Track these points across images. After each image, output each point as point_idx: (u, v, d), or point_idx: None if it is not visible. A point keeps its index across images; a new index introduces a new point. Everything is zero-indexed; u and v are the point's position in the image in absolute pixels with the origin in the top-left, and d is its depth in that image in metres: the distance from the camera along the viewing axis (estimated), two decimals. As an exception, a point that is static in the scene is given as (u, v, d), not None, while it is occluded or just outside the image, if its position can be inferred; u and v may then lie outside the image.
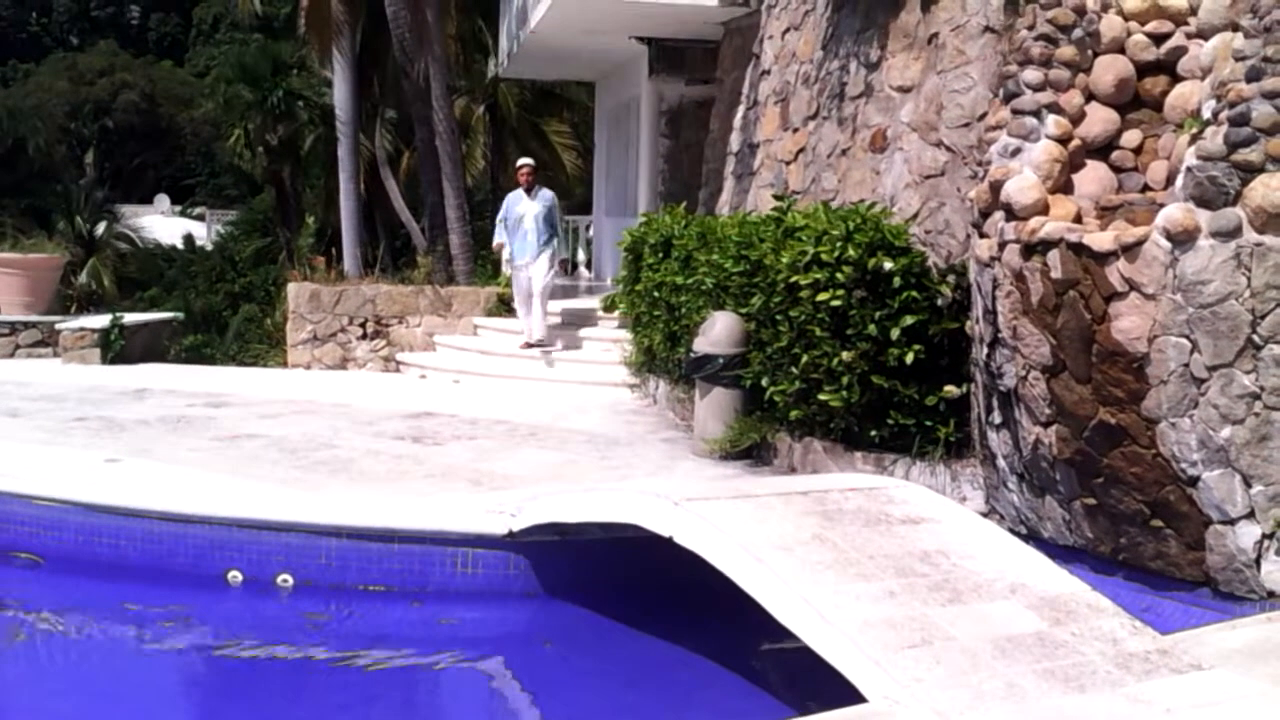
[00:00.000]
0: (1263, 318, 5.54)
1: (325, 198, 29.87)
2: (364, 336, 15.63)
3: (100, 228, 31.89)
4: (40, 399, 11.52)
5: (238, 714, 5.59)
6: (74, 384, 12.70)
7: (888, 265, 7.87)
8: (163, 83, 58.73)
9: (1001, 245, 6.58)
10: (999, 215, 6.69)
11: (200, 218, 45.31)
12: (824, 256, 7.99)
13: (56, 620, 6.73)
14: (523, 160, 14.33)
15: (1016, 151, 6.79)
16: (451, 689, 6.13)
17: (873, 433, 8.00)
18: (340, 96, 23.18)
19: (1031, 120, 6.81)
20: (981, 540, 5.87)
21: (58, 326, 15.26)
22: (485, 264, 17.47)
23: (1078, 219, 6.48)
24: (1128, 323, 5.83)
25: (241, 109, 31.75)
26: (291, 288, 16.11)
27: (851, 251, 7.91)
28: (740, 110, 13.56)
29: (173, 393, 12.20)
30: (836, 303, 7.88)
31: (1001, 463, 6.95)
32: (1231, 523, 5.63)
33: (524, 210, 13.62)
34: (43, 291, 17.01)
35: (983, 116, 8.05)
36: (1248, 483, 5.59)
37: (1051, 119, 6.80)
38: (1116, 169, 6.85)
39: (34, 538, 7.23)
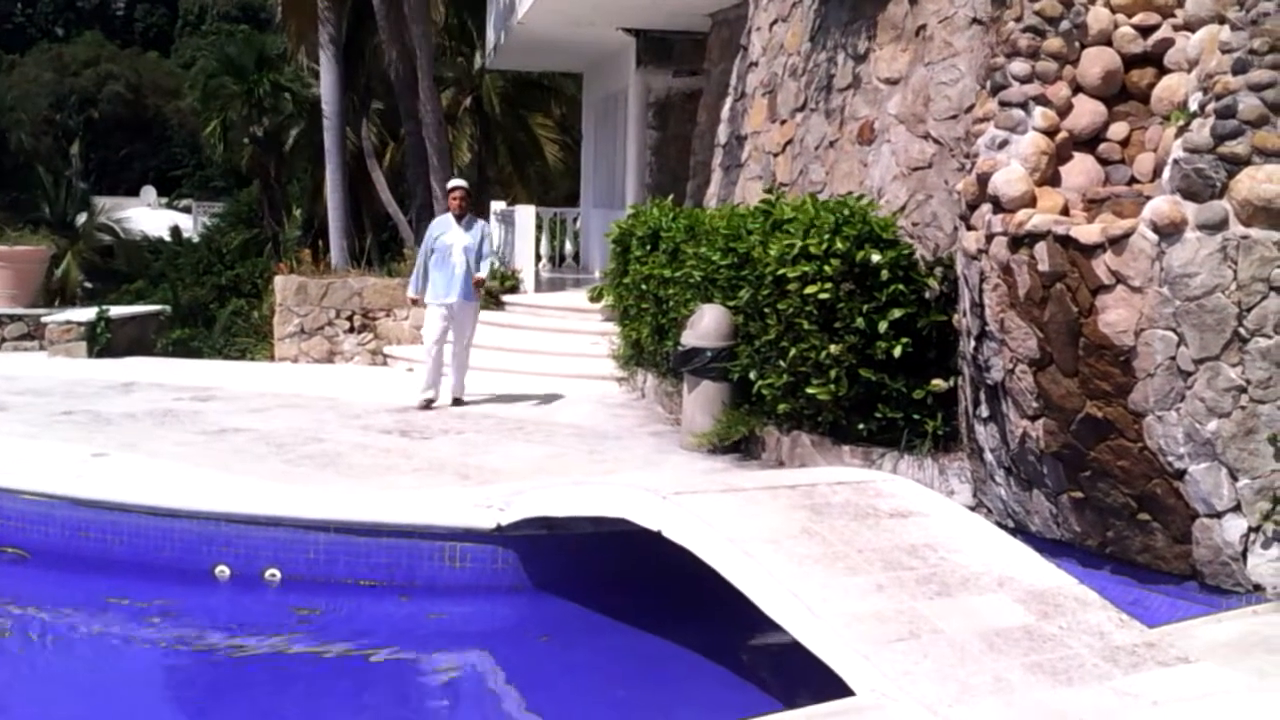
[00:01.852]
0: (1249, 310, 5.55)
1: (312, 190, 29.84)
2: (351, 329, 15.58)
3: (81, 219, 31.85)
4: (26, 392, 11.48)
5: (225, 708, 5.58)
6: (60, 377, 12.66)
7: (875, 258, 7.87)
8: (149, 74, 58.48)
9: (989, 238, 6.58)
10: (986, 208, 6.70)
11: (187, 210, 45.23)
12: (812, 249, 7.99)
13: (43, 615, 6.72)
14: (455, 182, 11.93)
15: (1004, 144, 6.79)
16: (439, 683, 6.13)
17: (860, 426, 8.00)
18: (326, 88, 23.12)
19: (1019, 112, 6.82)
20: (969, 534, 5.88)
21: (44, 319, 15.21)
22: None
23: (1065, 211, 6.48)
24: (1114, 315, 5.84)
25: (222, 101, 31.69)
26: (278, 280, 16.06)
27: (839, 244, 7.91)
28: (728, 102, 13.54)
29: (159, 386, 12.17)
30: (824, 295, 7.88)
31: (989, 456, 6.96)
32: (1218, 516, 5.65)
33: (453, 240, 11.13)
34: (28, 284, 16.92)
35: (970, 109, 8.04)
36: (1234, 476, 5.60)
37: (1039, 111, 6.80)
38: (1103, 161, 6.86)
39: (20, 532, 7.22)
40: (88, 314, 15.21)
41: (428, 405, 11.12)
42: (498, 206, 19.60)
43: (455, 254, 11.09)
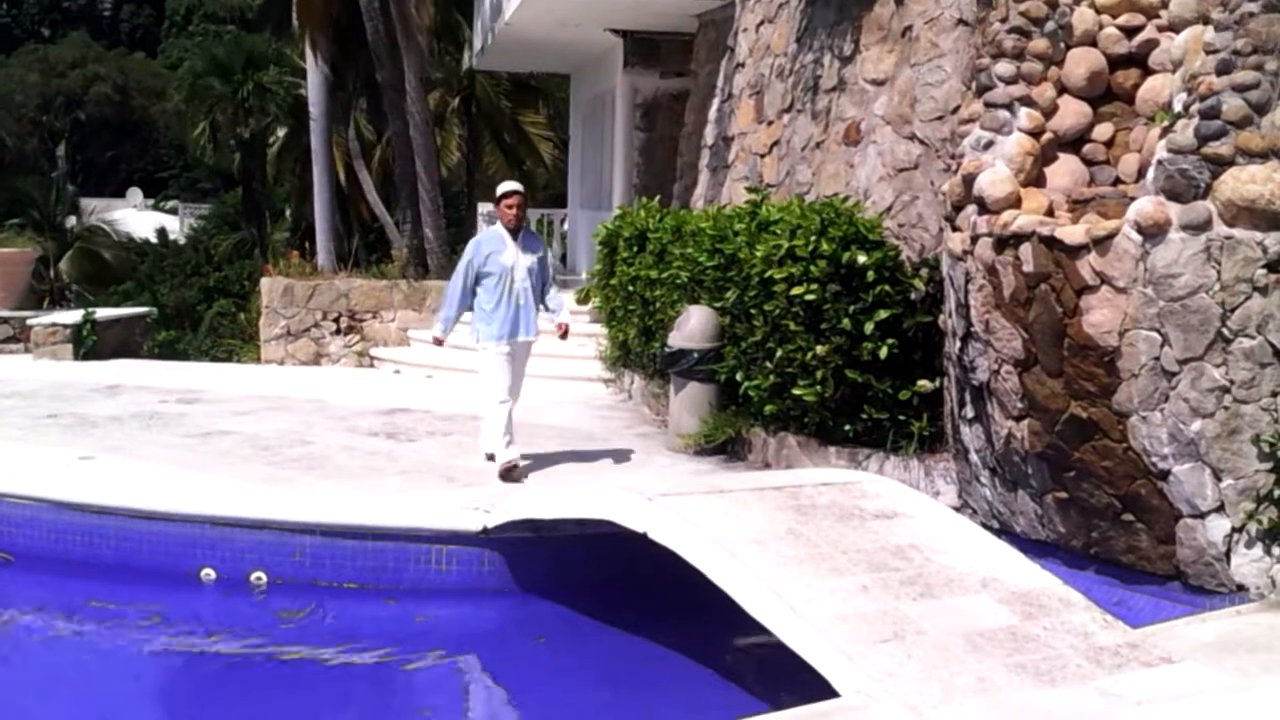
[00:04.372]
0: (1233, 311, 5.56)
1: (299, 191, 29.76)
2: (338, 331, 15.56)
3: (70, 221, 31.75)
4: (12, 395, 11.44)
5: (211, 712, 5.57)
6: (46, 380, 12.61)
7: (861, 259, 7.88)
8: (135, 75, 58.31)
9: (974, 239, 6.59)
10: (971, 209, 6.71)
11: (173, 211, 45.11)
12: (798, 250, 7.99)
13: (27, 618, 6.69)
14: (510, 186, 8.69)
15: (989, 145, 6.80)
16: (425, 686, 6.11)
17: (846, 427, 8.00)
18: (313, 88, 23.07)
19: (1004, 113, 6.83)
20: (954, 535, 5.89)
21: (29, 322, 15.14)
22: (459, 256, 17.40)
23: (1049, 212, 6.49)
24: (1099, 316, 5.85)
25: (210, 103, 31.63)
26: (264, 282, 16.02)
27: (826, 245, 7.92)
28: (715, 103, 13.54)
29: (145, 389, 12.13)
30: (811, 297, 7.88)
31: (974, 457, 6.97)
32: (1202, 516, 5.66)
33: (512, 261, 8.43)
34: (14, 286, 16.90)
35: (956, 110, 8.06)
36: (1218, 476, 5.61)
37: (1024, 112, 6.82)
38: (1088, 162, 6.88)
39: (5, 536, 7.19)
40: (73, 317, 15.16)
41: (514, 467, 8.29)
42: (485, 208, 19.59)
43: (518, 279, 8.46)
